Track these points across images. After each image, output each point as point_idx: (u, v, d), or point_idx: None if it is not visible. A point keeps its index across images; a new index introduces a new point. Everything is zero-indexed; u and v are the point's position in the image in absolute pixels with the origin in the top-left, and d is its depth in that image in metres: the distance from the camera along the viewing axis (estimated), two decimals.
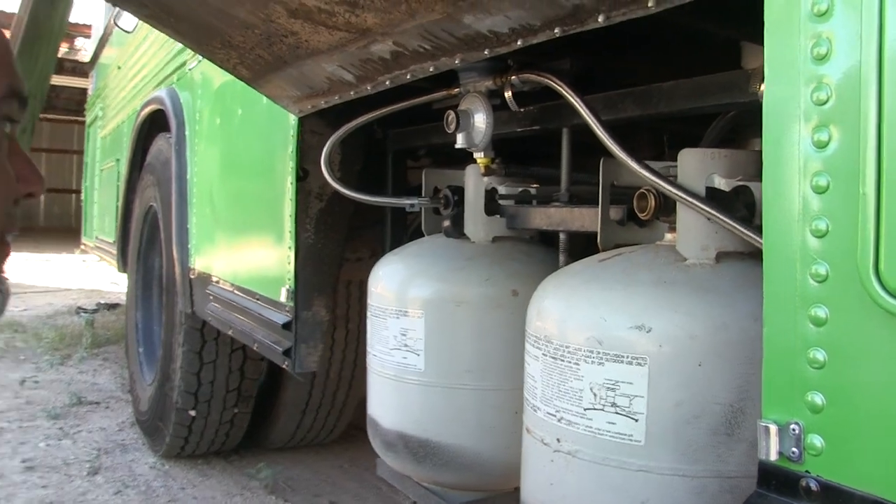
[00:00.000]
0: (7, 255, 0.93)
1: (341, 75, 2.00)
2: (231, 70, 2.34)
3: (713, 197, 1.39)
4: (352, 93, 2.10)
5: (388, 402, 2.04)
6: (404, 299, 1.97)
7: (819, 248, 0.92)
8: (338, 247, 2.64)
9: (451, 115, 1.85)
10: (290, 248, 2.58)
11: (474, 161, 1.97)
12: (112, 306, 9.27)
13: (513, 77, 1.77)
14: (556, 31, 1.34)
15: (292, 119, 2.55)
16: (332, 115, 2.40)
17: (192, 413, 4.02)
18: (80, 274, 12.73)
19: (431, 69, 1.75)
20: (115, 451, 4.55)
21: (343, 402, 4.13)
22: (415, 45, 1.66)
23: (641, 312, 1.31)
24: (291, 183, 2.56)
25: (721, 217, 1.32)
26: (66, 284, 11.67)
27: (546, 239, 2.16)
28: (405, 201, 2.18)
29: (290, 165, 2.57)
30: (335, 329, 3.62)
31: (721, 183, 1.41)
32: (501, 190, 2.08)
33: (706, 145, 1.69)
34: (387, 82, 1.92)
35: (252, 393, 4.14)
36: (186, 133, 3.98)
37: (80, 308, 9.18)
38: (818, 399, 0.92)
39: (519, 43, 1.45)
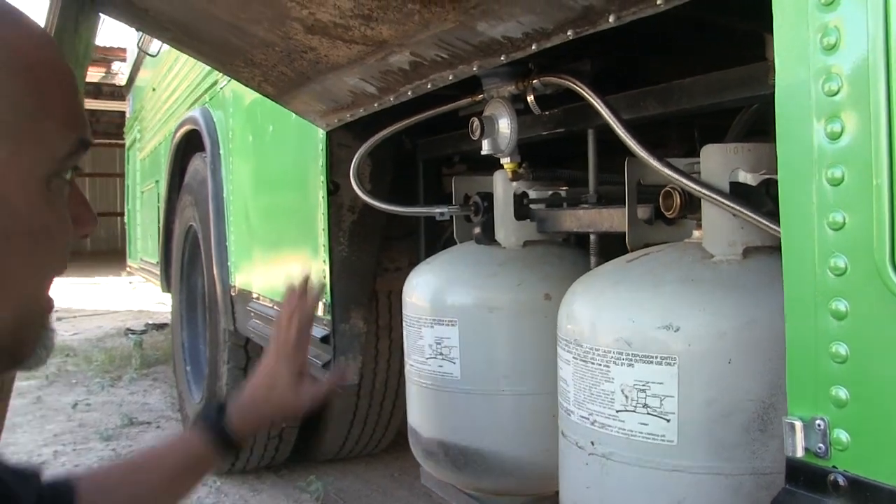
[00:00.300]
0: (51, 307, 0.94)
1: (363, 88, 2.02)
2: (256, 88, 2.36)
3: (738, 192, 1.38)
4: (375, 104, 2.11)
5: (426, 411, 2.05)
6: (437, 308, 1.97)
7: (836, 241, 0.91)
8: (372, 258, 2.66)
9: (476, 121, 1.85)
10: (324, 261, 2.60)
11: (502, 166, 1.97)
12: (160, 326, 9.39)
13: (534, 80, 1.77)
14: (568, 33, 1.34)
15: (321, 133, 2.57)
16: (360, 128, 2.42)
17: None
18: (128, 295, 12.91)
19: (451, 77, 1.75)
20: None
21: (390, 412, 4.15)
22: (432, 55, 1.67)
23: (669, 312, 1.30)
24: (323, 197, 2.58)
25: (745, 212, 1.31)
26: (114, 307, 11.84)
27: (579, 241, 2.16)
28: (435, 210, 2.19)
29: (320, 179, 2.59)
30: (378, 339, 3.63)
31: (747, 178, 1.40)
32: (531, 194, 2.07)
33: (732, 140, 1.68)
34: (409, 92, 1.93)
35: None
36: (221, 152, 4.03)
37: (128, 329, 9.31)
38: (842, 393, 0.91)
39: (534, 47, 1.45)
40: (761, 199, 1.37)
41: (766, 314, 1.25)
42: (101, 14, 2.18)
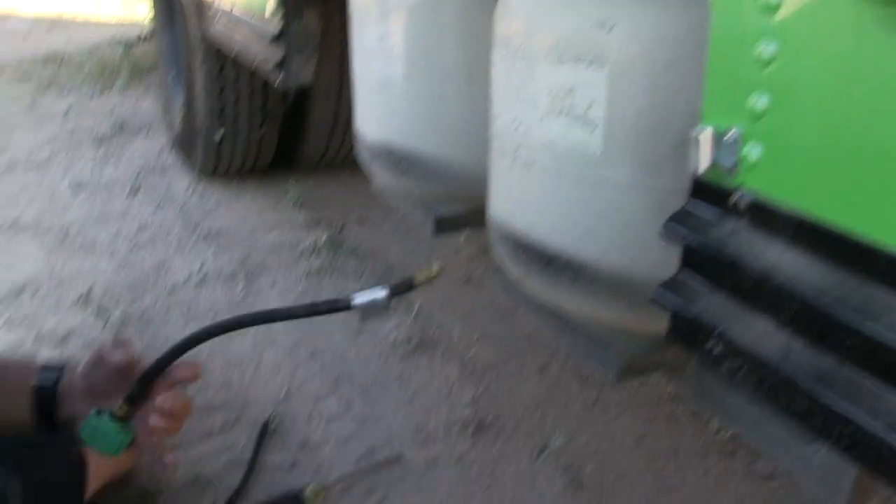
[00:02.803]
0: None
1: None
2: None
3: None
4: None
5: (369, 114, 1.90)
6: (383, 0, 1.78)
7: None
8: None
9: None
10: None
11: None
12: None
13: None
14: None
15: None
16: None
17: (218, 136, 3.97)
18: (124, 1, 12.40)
19: None
20: (154, 172, 4.57)
21: None
22: None
23: (607, 7, 1.13)
24: None
25: None
26: (108, 14, 11.40)
27: None
28: None
29: None
30: None
31: None
32: None
33: None
34: None
35: (278, 113, 4.04)
36: None
37: (124, 38, 8.98)
38: (762, 102, 0.77)
39: None
40: None
41: None
42: None
